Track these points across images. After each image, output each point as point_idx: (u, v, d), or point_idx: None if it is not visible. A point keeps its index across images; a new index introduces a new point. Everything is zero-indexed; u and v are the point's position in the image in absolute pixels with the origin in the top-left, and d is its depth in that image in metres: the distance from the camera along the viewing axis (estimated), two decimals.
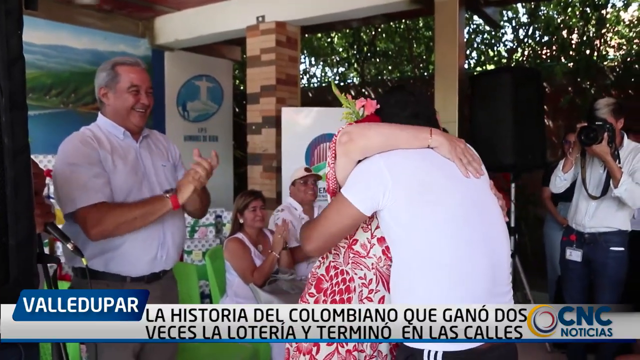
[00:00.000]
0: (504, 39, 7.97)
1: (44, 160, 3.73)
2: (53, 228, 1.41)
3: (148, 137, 2.00)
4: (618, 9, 6.85)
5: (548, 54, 7.13)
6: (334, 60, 9.70)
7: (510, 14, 7.47)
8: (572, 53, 6.57)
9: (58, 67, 4.99)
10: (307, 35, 7.84)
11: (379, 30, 8.68)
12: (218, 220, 4.29)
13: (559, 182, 3.00)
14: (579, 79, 6.04)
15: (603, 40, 6.54)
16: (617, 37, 6.87)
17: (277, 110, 4.81)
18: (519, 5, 7.15)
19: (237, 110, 7.11)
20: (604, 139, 2.67)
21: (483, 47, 8.02)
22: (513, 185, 4.00)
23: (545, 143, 3.99)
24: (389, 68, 9.30)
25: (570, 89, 6.04)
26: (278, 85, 4.88)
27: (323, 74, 9.96)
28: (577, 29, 6.70)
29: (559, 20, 6.99)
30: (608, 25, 6.68)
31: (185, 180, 1.80)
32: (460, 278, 1.28)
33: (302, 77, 8.95)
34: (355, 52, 9.11)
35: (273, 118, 4.86)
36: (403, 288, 1.35)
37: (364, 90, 7.98)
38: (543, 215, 4.50)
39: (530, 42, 7.43)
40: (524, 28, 7.47)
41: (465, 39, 6.53)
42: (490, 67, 7.65)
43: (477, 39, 8.03)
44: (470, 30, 7.86)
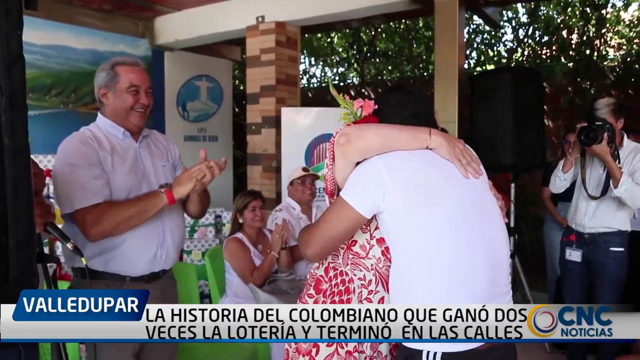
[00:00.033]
0: (504, 39, 7.98)
1: (44, 160, 3.73)
2: (53, 228, 1.41)
3: (148, 137, 2.00)
4: (618, 9, 6.85)
5: (548, 54, 7.13)
6: (334, 61, 9.69)
7: (510, 14, 7.46)
8: (572, 53, 6.57)
9: (58, 67, 4.99)
10: (307, 35, 7.83)
11: (379, 31, 8.68)
12: (217, 220, 4.29)
13: (559, 182, 3.00)
14: (579, 79, 6.04)
15: (603, 40, 6.54)
16: (617, 37, 6.87)
17: (276, 111, 4.81)
18: (519, 5, 7.15)
19: (236, 110, 7.11)
20: (604, 139, 2.67)
21: (483, 47, 8.01)
22: (513, 185, 4.01)
23: (545, 143, 3.99)
24: (389, 68, 9.30)
25: (570, 89, 6.04)
26: (278, 86, 4.88)
27: (323, 74, 9.96)
28: (577, 29, 6.70)
29: (559, 20, 6.99)
30: (608, 25, 6.68)
31: (186, 176, 1.78)
32: (460, 279, 1.27)
33: (301, 77, 8.95)
34: (355, 52, 9.11)
35: (273, 118, 4.86)
36: (402, 289, 1.34)
37: (364, 91, 7.97)
38: (543, 216, 4.49)
39: (530, 42, 7.42)
40: (524, 28, 7.46)
41: (465, 39, 6.54)
42: (490, 67, 7.65)
43: (477, 39, 8.02)
44: (470, 30, 7.85)
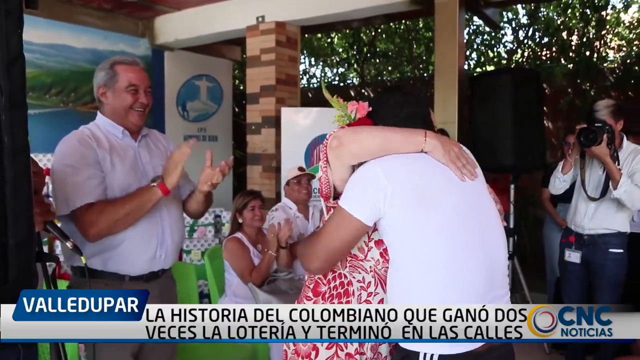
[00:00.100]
0: (504, 40, 7.97)
1: (44, 159, 3.73)
2: (52, 227, 1.40)
3: (147, 136, 2.00)
4: (618, 11, 6.86)
5: (548, 55, 7.13)
6: (334, 61, 9.69)
7: (510, 15, 7.46)
8: (572, 54, 6.57)
9: (58, 66, 4.98)
10: (307, 36, 7.83)
11: (379, 31, 8.67)
12: (217, 220, 4.29)
13: (558, 183, 3.00)
14: (579, 81, 6.04)
15: (603, 42, 6.54)
16: (617, 38, 6.88)
17: (276, 111, 4.81)
18: (519, 7, 7.15)
19: (236, 110, 7.11)
20: (604, 141, 2.67)
21: (483, 48, 8.01)
22: (512, 187, 4.01)
23: (545, 144, 3.99)
24: (389, 69, 9.29)
25: (570, 91, 6.04)
26: (278, 86, 4.88)
27: (323, 75, 9.96)
28: (577, 31, 6.70)
29: (559, 22, 6.99)
30: (608, 27, 6.68)
31: (172, 164, 1.77)
32: (457, 281, 1.27)
33: (301, 77, 8.93)
34: (355, 52, 9.10)
35: (273, 118, 4.86)
36: (402, 289, 1.34)
37: (364, 91, 7.97)
38: (542, 217, 4.49)
39: (530, 43, 7.42)
40: (524, 29, 7.46)
41: (465, 40, 6.53)
42: (490, 68, 7.64)
43: (477, 40, 8.02)
44: (470, 31, 7.85)
